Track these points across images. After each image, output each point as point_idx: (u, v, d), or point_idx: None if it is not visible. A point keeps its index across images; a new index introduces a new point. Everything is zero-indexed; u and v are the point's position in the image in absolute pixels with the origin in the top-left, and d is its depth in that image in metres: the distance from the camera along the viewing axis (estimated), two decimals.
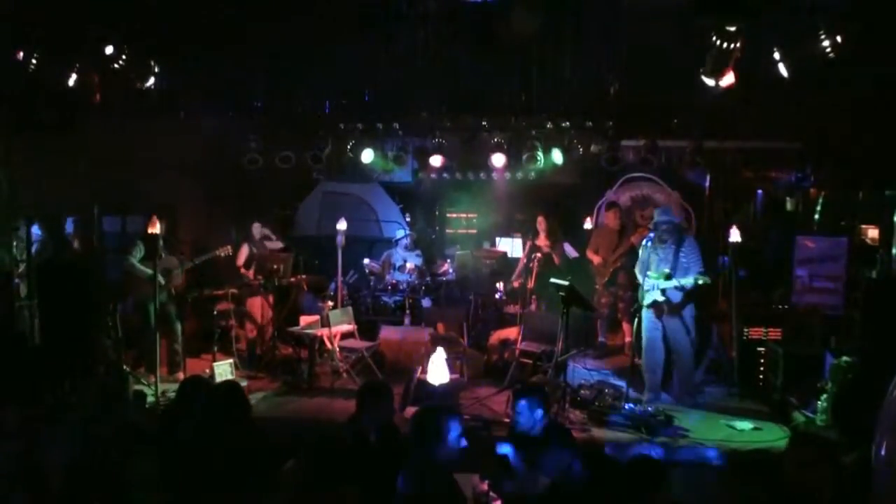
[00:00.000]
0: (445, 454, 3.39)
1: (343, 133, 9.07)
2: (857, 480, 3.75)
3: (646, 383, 6.70)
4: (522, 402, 4.18)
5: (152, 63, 7.14)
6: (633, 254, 7.61)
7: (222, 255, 7.67)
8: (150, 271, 6.89)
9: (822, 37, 5.85)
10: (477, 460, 3.69)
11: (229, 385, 4.58)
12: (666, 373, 6.73)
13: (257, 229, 8.41)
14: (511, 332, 7.68)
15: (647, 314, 6.61)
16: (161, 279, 6.97)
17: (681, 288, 6.40)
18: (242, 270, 8.12)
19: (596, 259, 8.40)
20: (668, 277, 6.40)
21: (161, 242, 6.99)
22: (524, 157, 8.81)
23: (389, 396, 4.18)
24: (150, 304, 6.87)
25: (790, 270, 7.50)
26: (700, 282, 6.28)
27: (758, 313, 7.11)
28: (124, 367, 6.93)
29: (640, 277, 6.70)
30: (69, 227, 8.45)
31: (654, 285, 6.48)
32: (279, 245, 8.65)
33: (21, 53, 6.41)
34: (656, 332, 6.59)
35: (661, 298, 6.48)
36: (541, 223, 8.70)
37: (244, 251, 8.18)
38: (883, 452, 3.59)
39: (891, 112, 6.73)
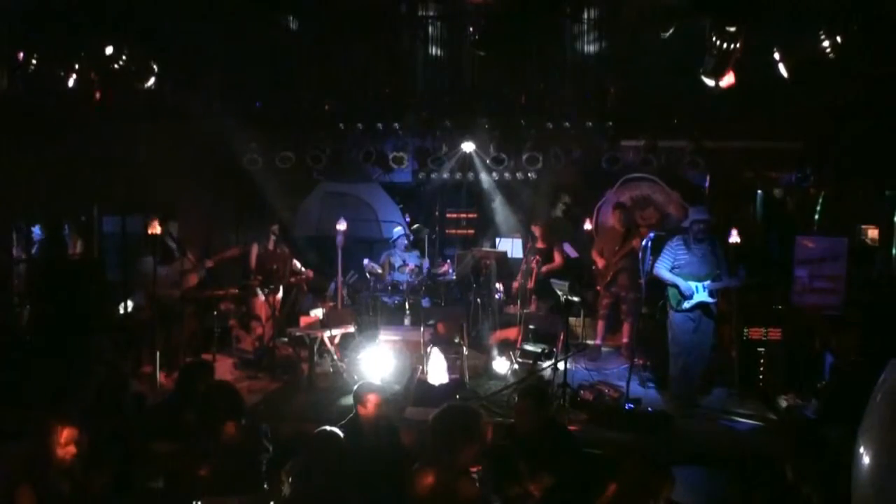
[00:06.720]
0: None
1: (343, 133, 9.07)
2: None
3: (674, 389, 6.59)
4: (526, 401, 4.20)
5: (152, 63, 7.14)
6: (632, 256, 7.61)
7: (236, 254, 7.75)
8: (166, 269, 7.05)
9: (822, 37, 5.84)
10: None
11: (222, 385, 4.58)
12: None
13: (275, 230, 8.33)
14: (511, 332, 7.68)
15: (686, 317, 6.41)
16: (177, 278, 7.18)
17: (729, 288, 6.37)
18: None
19: (600, 262, 8.35)
20: (717, 278, 6.36)
21: (175, 244, 7.20)
22: (524, 157, 8.80)
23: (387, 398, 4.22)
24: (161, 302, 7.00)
25: (790, 270, 7.50)
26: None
27: (758, 313, 7.08)
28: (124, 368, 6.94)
29: (673, 279, 6.42)
30: (68, 227, 8.44)
31: (699, 286, 6.35)
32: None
33: (21, 54, 6.40)
34: (691, 336, 6.45)
35: (710, 300, 6.38)
36: (535, 231, 8.72)
37: (254, 251, 8.17)
38: (866, 461, 3.30)
39: (891, 112, 6.72)
